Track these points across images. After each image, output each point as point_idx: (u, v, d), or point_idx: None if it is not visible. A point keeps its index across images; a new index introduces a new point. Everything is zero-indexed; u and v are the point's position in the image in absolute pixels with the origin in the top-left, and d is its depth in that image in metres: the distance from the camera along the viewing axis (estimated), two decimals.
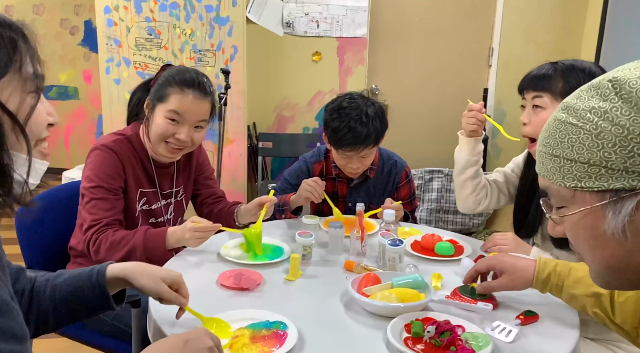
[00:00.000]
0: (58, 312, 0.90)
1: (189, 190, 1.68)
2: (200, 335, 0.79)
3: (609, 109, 0.56)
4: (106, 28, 3.10)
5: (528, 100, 1.34)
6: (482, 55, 3.71)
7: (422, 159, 3.78)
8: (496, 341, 0.98)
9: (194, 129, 1.45)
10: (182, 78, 1.43)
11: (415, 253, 1.41)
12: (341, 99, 1.66)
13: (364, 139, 1.60)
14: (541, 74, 1.31)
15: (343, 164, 1.70)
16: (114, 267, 0.94)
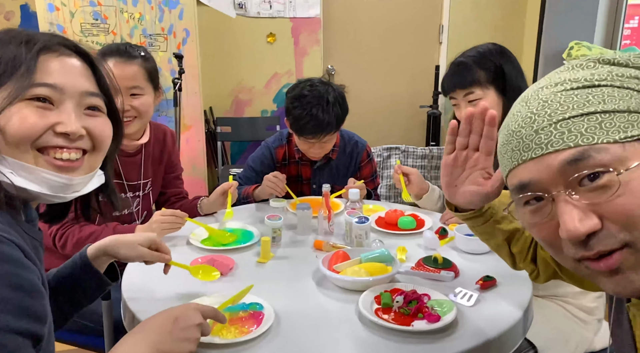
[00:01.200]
0: (60, 306, 0.92)
1: (158, 184, 1.66)
2: (189, 312, 0.82)
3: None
4: (47, 13, 2.95)
5: (460, 98, 1.43)
6: (432, 33, 3.80)
7: (380, 136, 3.86)
8: (459, 306, 1.05)
9: (129, 97, 1.40)
10: (103, 50, 1.42)
11: (380, 228, 1.47)
12: (302, 86, 1.68)
13: (325, 127, 1.64)
14: (461, 73, 1.41)
15: (305, 148, 1.74)
16: (93, 247, 0.98)
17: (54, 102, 0.69)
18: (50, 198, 0.70)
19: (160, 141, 1.63)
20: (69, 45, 0.72)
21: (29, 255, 0.61)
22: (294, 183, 1.87)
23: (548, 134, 0.54)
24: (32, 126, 0.66)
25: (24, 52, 0.67)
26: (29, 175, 0.66)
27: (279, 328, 0.98)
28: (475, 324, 1.00)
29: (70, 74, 0.70)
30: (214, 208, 1.60)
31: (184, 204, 1.67)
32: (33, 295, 0.60)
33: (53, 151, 0.68)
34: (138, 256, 0.99)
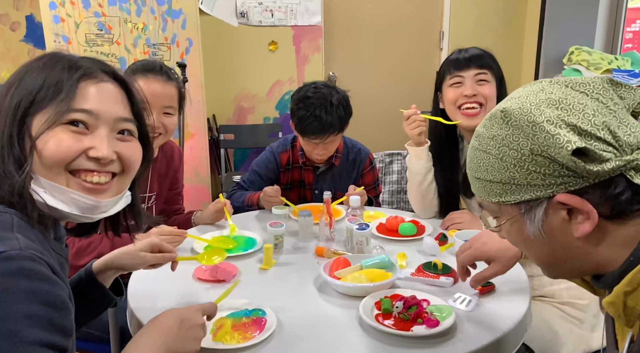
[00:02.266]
0: None
1: (162, 199, 1.68)
2: (194, 314, 0.87)
3: (505, 136, 0.66)
4: (53, 24, 3.00)
5: (469, 77, 1.48)
6: (433, 39, 3.83)
7: (381, 142, 3.88)
8: (458, 311, 1.07)
9: (163, 115, 1.46)
10: (144, 65, 1.46)
11: (381, 235, 1.49)
12: (306, 88, 1.73)
13: (328, 127, 1.67)
14: (478, 54, 1.51)
15: (309, 149, 1.77)
16: (97, 262, 1.01)
17: (89, 127, 0.72)
18: (79, 218, 0.74)
19: (167, 157, 1.66)
20: (107, 71, 0.76)
21: (57, 272, 0.64)
22: (296, 188, 1.90)
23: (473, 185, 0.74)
24: (67, 150, 0.70)
25: (65, 77, 0.70)
26: (60, 195, 0.70)
27: (281, 334, 1.00)
28: (474, 329, 1.02)
29: (106, 99, 0.74)
30: (207, 222, 1.63)
31: (178, 218, 1.70)
32: (62, 311, 0.63)
33: (85, 174, 0.72)
34: (142, 263, 1.02)
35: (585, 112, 0.62)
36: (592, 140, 0.60)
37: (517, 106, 0.65)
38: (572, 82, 0.66)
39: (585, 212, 0.61)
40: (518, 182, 0.65)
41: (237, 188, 1.89)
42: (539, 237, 0.66)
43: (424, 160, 1.62)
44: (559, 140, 0.60)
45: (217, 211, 1.56)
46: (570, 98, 0.63)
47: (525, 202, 0.65)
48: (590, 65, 2.91)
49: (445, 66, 1.56)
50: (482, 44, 4.03)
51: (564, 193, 0.62)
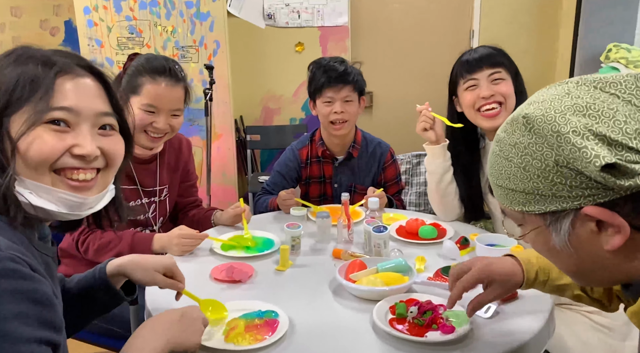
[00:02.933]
0: (77, 312, 0.97)
1: (174, 191, 1.69)
2: (192, 309, 0.90)
3: (527, 144, 0.61)
4: (87, 29, 3.09)
5: (483, 78, 1.45)
6: (463, 38, 3.75)
7: (409, 143, 3.81)
8: (475, 317, 1.04)
9: (170, 117, 1.47)
10: (152, 66, 1.43)
11: (400, 237, 1.47)
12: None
13: (342, 75, 1.72)
14: (488, 54, 1.48)
15: (327, 112, 1.77)
16: (111, 264, 1.01)
17: (70, 124, 0.71)
18: (67, 216, 0.73)
19: (175, 149, 1.67)
20: (83, 66, 0.75)
21: (38, 271, 0.64)
22: (316, 183, 1.90)
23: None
24: (51, 150, 0.69)
25: (41, 74, 0.68)
26: (46, 195, 0.69)
27: (292, 337, 1.00)
28: (492, 336, 0.98)
29: (85, 95, 0.73)
30: (225, 224, 1.63)
31: (198, 213, 1.70)
32: (50, 307, 0.64)
33: (70, 172, 0.71)
34: (152, 282, 1.02)
35: (616, 118, 0.57)
36: (624, 151, 0.55)
37: (540, 113, 0.61)
38: (601, 82, 0.60)
39: (616, 225, 0.57)
40: (542, 193, 0.61)
41: (261, 194, 1.91)
42: (565, 249, 0.63)
43: (440, 159, 1.58)
44: (586, 154, 0.55)
45: (236, 215, 1.57)
46: (599, 102, 0.58)
47: (550, 213, 0.61)
48: (629, 63, 2.79)
49: (457, 70, 1.53)
50: (514, 43, 3.95)
51: (592, 205, 0.58)
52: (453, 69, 1.56)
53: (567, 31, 3.52)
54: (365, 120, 3.86)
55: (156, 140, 1.49)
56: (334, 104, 1.75)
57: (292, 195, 1.69)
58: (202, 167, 3.21)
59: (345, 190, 1.88)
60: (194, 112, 3.21)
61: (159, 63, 1.45)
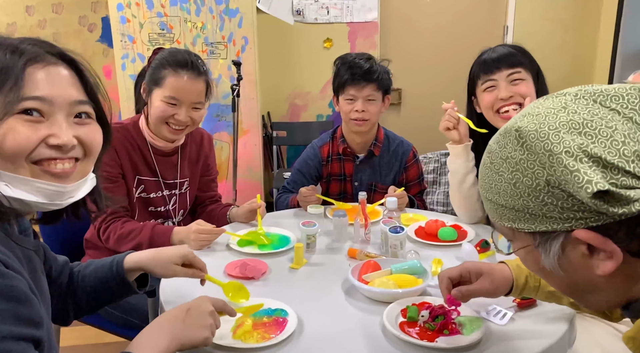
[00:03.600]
0: (89, 298, 1.00)
1: (195, 185, 1.71)
2: (201, 302, 0.88)
3: (518, 160, 0.58)
4: (120, 25, 3.17)
5: (502, 79, 1.42)
6: (496, 34, 3.65)
7: (437, 141, 3.75)
8: (490, 324, 1.00)
9: (191, 110, 1.48)
10: (175, 59, 1.46)
11: (419, 239, 1.44)
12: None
13: (366, 73, 1.69)
14: (507, 54, 1.44)
15: (348, 109, 1.76)
16: (130, 259, 1.02)
17: (44, 114, 0.69)
18: (47, 207, 0.71)
19: (197, 143, 1.69)
20: (54, 53, 0.72)
21: (11, 267, 0.64)
22: (336, 181, 1.88)
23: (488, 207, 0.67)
24: (25, 141, 0.67)
25: (9, 63, 0.66)
26: (24, 186, 0.68)
27: (300, 336, 0.99)
28: (506, 344, 0.95)
29: (58, 84, 0.70)
30: (241, 220, 1.63)
31: (215, 209, 1.71)
32: (26, 303, 0.64)
33: (47, 163, 0.70)
34: (172, 275, 1.03)
35: (614, 138, 0.52)
36: (620, 175, 0.51)
37: (533, 128, 0.57)
38: (602, 95, 0.55)
39: (608, 251, 0.53)
40: (532, 212, 0.57)
41: (282, 193, 1.90)
42: (556, 270, 0.59)
43: (462, 159, 1.54)
44: (578, 178, 0.51)
45: (251, 211, 1.57)
46: (597, 120, 0.54)
47: (540, 233, 0.58)
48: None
49: (476, 70, 1.50)
50: (550, 39, 3.81)
51: (583, 229, 0.54)
52: (472, 68, 1.53)
53: (607, 26, 3.37)
54: (394, 117, 3.81)
55: (177, 132, 1.51)
56: (355, 102, 1.73)
57: (313, 192, 1.68)
58: (229, 163, 3.25)
59: (366, 188, 1.86)
60: (222, 108, 3.25)
61: (182, 56, 1.47)
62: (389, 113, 3.77)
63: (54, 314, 0.92)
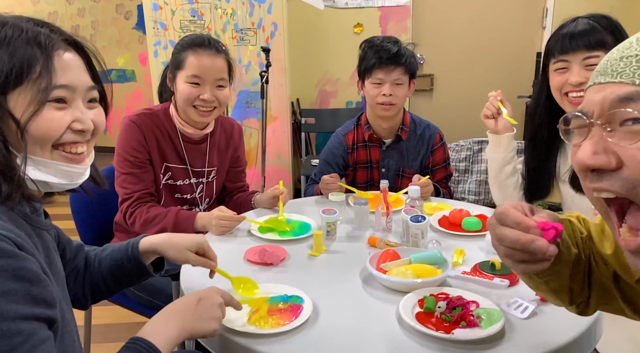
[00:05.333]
0: (106, 282, 1.02)
1: (222, 174, 1.72)
2: (211, 293, 0.89)
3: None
4: (152, 12, 3.21)
5: (576, 62, 1.27)
6: (535, 17, 3.50)
7: (470, 129, 3.66)
8: (511, 317, 0.97)
9: (215, 88, 1.50)
10: (193, 41, 1.49)
11: (442, 228, 1.41)
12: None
13: (395, 56, 1.66)
14: (588, 32, 1.25)
15: (375, 93, 1.73)
16: (145, 241, 1.04)
17: (67, 101, 0.73)
18: (66, 187, 0.76)
19: (227, 132, 1.70)
20: (69, 40, 0.75)
21: (23, 248, 0.66)
22: (363, 168, 1.87)
23: (627, 64, 0.52)
24: (57, 128, 0.71)
25: (32, 52, 0.68)
26: (46, 169, 0.72)
27: (315, 324, 0.99)
28: (527, 338, 0.92)
29: (76, 71, 0.74)
30: (264, 205, 1.65)
31: (241, 196, 1.73)
32: (38, 284, 0.65)
33: (69, 146, 0.74)
34: (185, 260, 1.05)
35: None
36: None
37: None
38: None
39: None
40: None
41: (310, 184, 1.90)
42: None
43: (501, 149, 1.49)
44: None
45: (274, 197, 1.58)
46: None
47: None
48: None
49: (550, 45, 1.33)
50: None
51: None
52: (548, 41, 1.37)
53: None
54: (425, 103, 3.73)
55: (206, 114, 1.52)
56: (383, 86, 1.70)
57: (336, 179, 1.67)
58: (258, 149, 3.27)
59: (394, 174, 1.84)
60: (251, 95, 3.27)
61: (199, 37, 1.50)
62: (421, 99, 3.69)
63: (72, 298, 0.95)
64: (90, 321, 1.73)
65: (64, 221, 1.69)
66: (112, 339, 2.21)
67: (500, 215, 0.61)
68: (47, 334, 0.65)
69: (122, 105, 5.26)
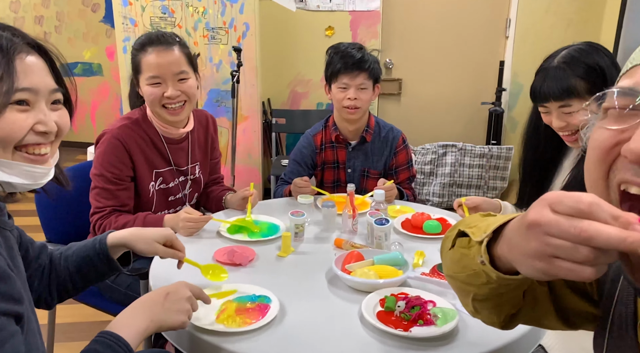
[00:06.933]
0: (73, 279, 1.03)
1: (206, 168, 1.74)
2: (179, 287, 0.93)
3: None
4: (122, 8, 3.17)
5: (553, 108, 1.30)
6: (498, 26, 3.63)
7: (437, 133, 3.78)
8: (464, 316, 1.04)
9: (177, 83, 1.48)
10: (141, 41, 1.49)
11: (404, 231, 1.47)
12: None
13: (359, 62, 1.73)
14: (556, 81, 1.26)
15: (341, 97, 1.80)
16: (113, 236, 1.06)
17: (30, 103, 0.75)
18: (30, 187, 0.78)
19: (203, 126, 1.72)
20: (32, 43, 0.76)
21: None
22: (330, 169, 1.93)
23: None
24: (19, 129, 0.73)
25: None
26: (11, 170, 0.74)
27: (281, 323, 1.03)
28: (478, 334, 0.99)
29: (39, 73, 0.75)
30: (234, 206, 1.68)
31: (214, 191, 1.77)
32: (7, 281, 0.68)
33: (32, 148, 0.76)
34: (153, 252, 1.07)
35: None
36: None
37: None
38: None
39: None
40: None
41: (280, 184, 1.94)
42: None
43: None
44: None
45: (244, 199, 1.61)
46: None
47: None
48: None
49: (532, 89, 1.35)
50: (552, 34, 3.75)
51: None
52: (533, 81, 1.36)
53: (610, 24, 3.36)
54: (393, 107, 3.82)
55: (177, 112, 1.51)
56: (348, 90, 1.77)
57: (308, 183, 1.72)
58: (228, 148, 3.28)
59: (359, 174, 1.90)
60: (222, 94, 3.27)
61: (147, 36, 1.50)
62: (389, 103, 3.78)
63: (37, 298, 0.96)
64: (54, 320, 1.72)
65: (29, 217, 1.68)
66: (76, 338, 2.19)
67: (589, 207, 0.44)
68: (15, 329, 0.68)
69: (88, 100, 5.14)
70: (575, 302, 0.71)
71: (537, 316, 0.74)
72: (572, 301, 0.72)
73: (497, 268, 0.59)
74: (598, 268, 0.45)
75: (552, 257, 0.46)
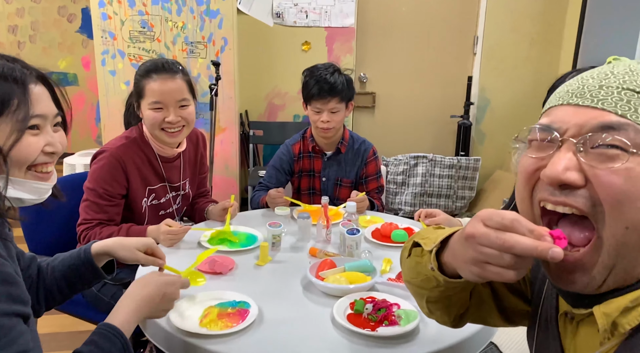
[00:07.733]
0: (60, 288, 1.10)
1: (195, 183, 1.84)
2: (174, 290, 1.05)
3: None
4: (101, 21, 3.22)
5: None
6: (467, 43, 3.82)
7: (407, 145, 3.93)
8: (424, 317, 1.15)
9: (179, 109, 1.58)
10: (147, 69, 1.57)
11: (374, 240, 1.59)
12: (314, 65, 1.96)
13: (331, 89, 1.86)
14: None
15: (315, 119, 1.93)
16: (97, 245, 1.14)
17: (40, 127, 0.85)
18: (34, 202, 0.88)
19: (194, 144, 1.82)
20: (38, 76, 0.87)
21: (1, 256, 0.77)
22: (306, 176, 2.05)
23: (609, 94, 0.56)
24: (34, 152, 0.83)
25: (8, 89, 0.79)
26: (21, 187, 0.84)
27: (260, 325, 1.12)
28: (437, 332, 1.10)
29: (45, 101, 0.86)
30: (215, 218, 1.77)
31: (199, 203, 1.86)
32: (16, 284, 0.77)
33: (40, 166, 0.86)
34: (135, 259, 1.15)
35: None
36: None
37: None
38: None
39: None
40: None
41: (258, 190, 2.04)
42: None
43: None
44: None
45: (225, 210, 1.70)
46: None
47: None
48: None
49: None
50: (517, 50, 3.95)
51: None
52: None
53: (569, 41, 3.58)
54: (367, 120, 3.96)
55: (175, 135, 1.60)
56: (321, 114, 1.89)
57: (282, 194, 1.82)
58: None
59: (333, 183, 2.02)
60: (200, 106, 3.34)
61: (153, 63, 1.58)
62: (363, 116, 3.92)
63: None
64: None
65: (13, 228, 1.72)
66: (54, 348, 2.22)
67: (511, 222, 0.55)
68: (24, 328, 0.76)
69: None
70: (513, 301, 0.83)
71: (482, 315, 0.86)
72: (511, 300, 0.84)
73: (444, 273, 0.71)
74: (519, 272, 0.57)
75: (484, 263, 0.58)
